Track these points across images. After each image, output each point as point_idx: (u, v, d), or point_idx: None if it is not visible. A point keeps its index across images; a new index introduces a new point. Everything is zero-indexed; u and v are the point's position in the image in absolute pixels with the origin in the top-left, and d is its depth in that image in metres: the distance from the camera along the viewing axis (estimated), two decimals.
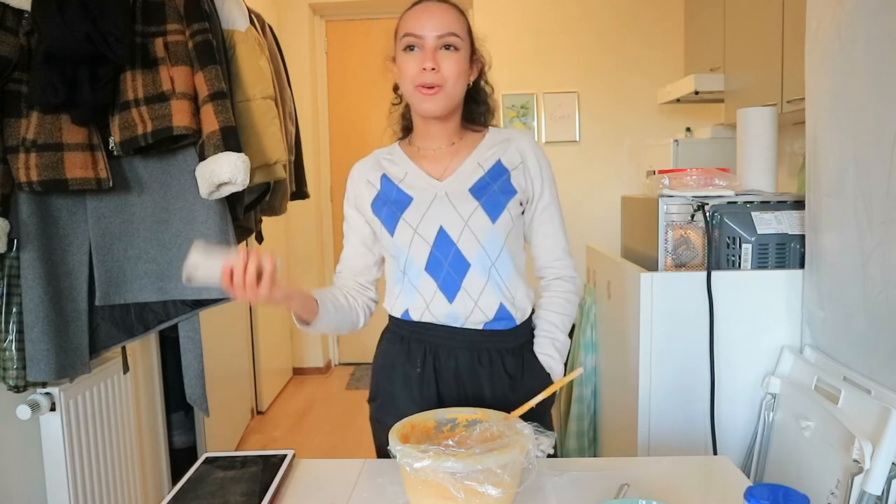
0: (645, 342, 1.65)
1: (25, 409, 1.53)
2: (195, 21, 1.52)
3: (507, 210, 1.15)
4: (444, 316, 1.16)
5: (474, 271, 1.14)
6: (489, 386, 1.17)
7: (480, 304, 1.15)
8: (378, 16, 4.04)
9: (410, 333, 1.20)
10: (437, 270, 1.14)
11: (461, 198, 1.15)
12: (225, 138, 1.47)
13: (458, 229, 1.13)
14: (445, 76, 1.11)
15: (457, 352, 1.17)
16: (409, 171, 1.20)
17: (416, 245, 1.14)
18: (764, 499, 0.71)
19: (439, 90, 1.11)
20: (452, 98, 1.14)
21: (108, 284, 1.56)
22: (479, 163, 1.18)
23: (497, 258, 1.15)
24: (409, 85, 1.12)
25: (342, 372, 4.20)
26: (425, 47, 1.10)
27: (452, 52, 1.12)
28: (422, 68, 1.10)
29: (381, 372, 1.23)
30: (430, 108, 1.13)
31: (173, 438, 2.41)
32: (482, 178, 1.17)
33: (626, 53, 3.65)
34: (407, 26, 1.12)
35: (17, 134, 1.39)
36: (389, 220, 1.17)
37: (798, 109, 2.10)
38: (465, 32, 1.14)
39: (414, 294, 1.17)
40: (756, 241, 1.64)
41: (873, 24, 1.27)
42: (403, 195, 1.17)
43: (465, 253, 1.14)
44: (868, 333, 1.34)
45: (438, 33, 1.10)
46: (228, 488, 0.98)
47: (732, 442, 1.65)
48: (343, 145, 4.18)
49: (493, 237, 1.14)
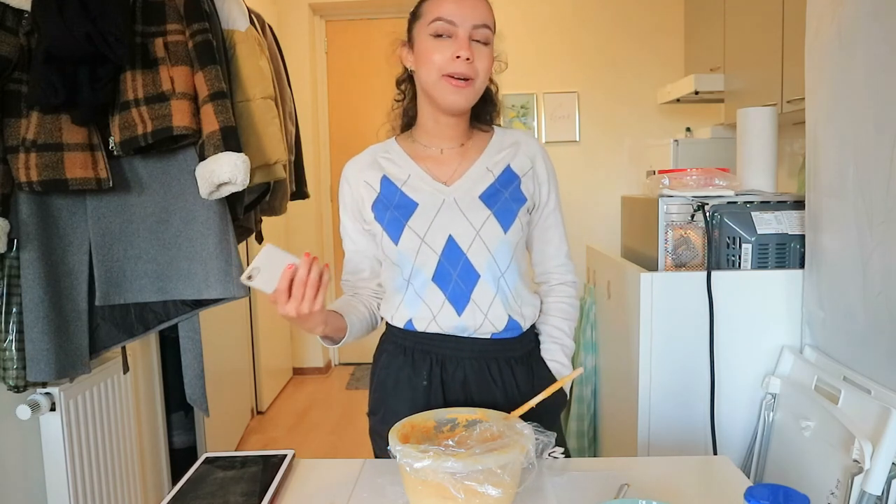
0: (645, 342, 1.65)
1: (25, 409, 1.53)
2: (195, 21, 1.52)
3: (518, 219, 1.11)
4: (452, 328, 1.10)
5: (484, 282, 1.09)
6: (502, 396, 1.12)
7: (490, 316, 1.10)
8: (378, 16, 4.04)
9: (414, 344, 1.14)
10: (446, 281, 1.09)
11: (471, 205, 1.09)
12: (225, 138, 1.47)
13: (469, 239, 1.08)
14: (478, 70, 1.05)
15: (465, 362, 1.12)
16: (412, 172, 1.13)
17: (424, 254, 1.08)
18: (764, 499, 0.70)
19: (471, 83, 1.05)
20: (479, 93, 1.09)
21: (108, 284, 1.56)
22: (489, 167, 1.13)
23: (507, 269, 1.10)
24: (436, 73, 1.05)
25: (342, 372, 4.20)
26: (459, 36, 1.04)
27: (484, 47, 1.06)
28: (455, 56, 1.03)
29: (384, 387, 1.17)
30: (458, 102, 1.06)
31: (173, 438, 2.41)
32: (492, 184, 1.11)
33: (626, 53, 3.65)
34: (439, 10, 1.04)
35: (17, 134, 1.39)
36: (393, 227, 1.10)
37: (798, 109, 2.10)
38: (494, 27, 1.09)
39: (419, 304, 1.11)
40: (756, 241, 1.64)
41: (873, 25, 1.27)
42: (408, 200, 1.10)
43: (474, 263, 1.08)
44: (868, 333, 1.34)
45: (475, 23, 1.04)
46: (228, 488, 0.97)
47: (732, 442, 1.65)
48: (343, 145, 4.18)
49: (504, 247, 1.09)
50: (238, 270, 1.60)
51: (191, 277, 1.58)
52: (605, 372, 2.11)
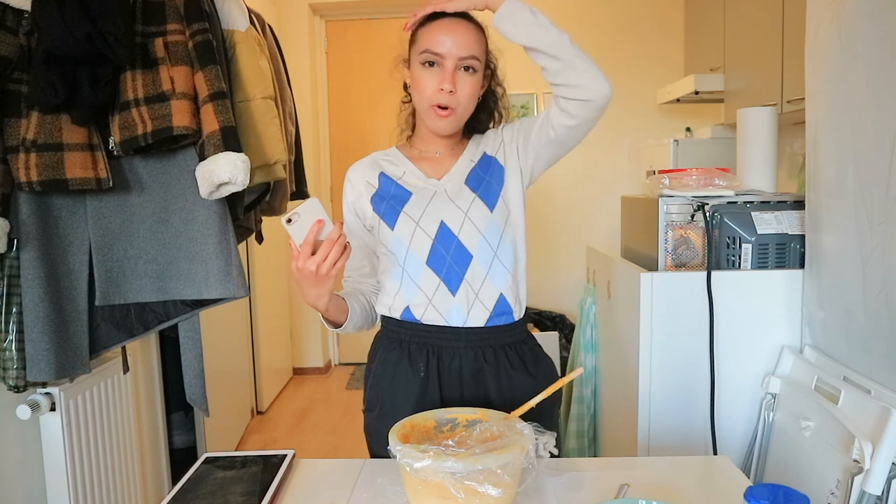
0: (645, 342, 1.65)
1: (25, 409, 1.53)
2: (195, 21, 1.52)
3: (502, 198, 1.18)
4: (447, 311, 1.15)
5: (476, 262, 1.15)
6: (494, 385, 1.16)
7: (481, 295, 1.15)
8: (378, 16, 4.04)
9: (411, 337, 1.18)
10: (440, 264, 1.15)
11: (458, 191, 1.18)
12: (225, 138, 1.47)
13: (459, 222, 1.15)
14: (460, 99, 1.14)
15: (460, 352, 1.16)
16: (407, 169, 1.23)
17: (418, 238, 1.15)
18: (764, 499, 0.71)
19: (452, 112, 1.14)
20: (462, 119, 1.18)
21: (108, 284, 1.56)
22: (471, 158, 1.23)
23: (498, 247, 1.16)
24: (425, 102, 1.15)
25: (342, 372, 4.20)
26: (445, 67, 1.12)
27: (470, 75, 1.14)
28: (440, 88, 1.12)
29: (380, 381, 1.20)
30: (442, 128, 1.17)
31: (173, 438, 2.41)
32: (473, 169, 1.20)
33: (626, 53, 3.65)
34: (428, 42, 1.13)
35: (17, 134, 1.39)
36: (389, 214, 1.18)
37: (798, 109, 2.11)
38: (483, 53, 1.16)
39: (414, 290, 1.16)
40: (756, 241, 1.64)
41: (873, 25, 1.27)
42: (402, 190, 1.19)
43: (466, 245, 1.15)
44: (868, 333, 1.34)
45: (461, 55, 1.12)
46: (228, 488, 0.97)
47: (732, 442, 1.66)
48: (343, 145, 4.18)
49: (492, 226, 1.16)
50: (238, 270, 1.60)
51: (191, 277, 1.58)
52: (605, 372, 2.11)
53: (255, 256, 3.31)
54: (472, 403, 1.14)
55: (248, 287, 2.59)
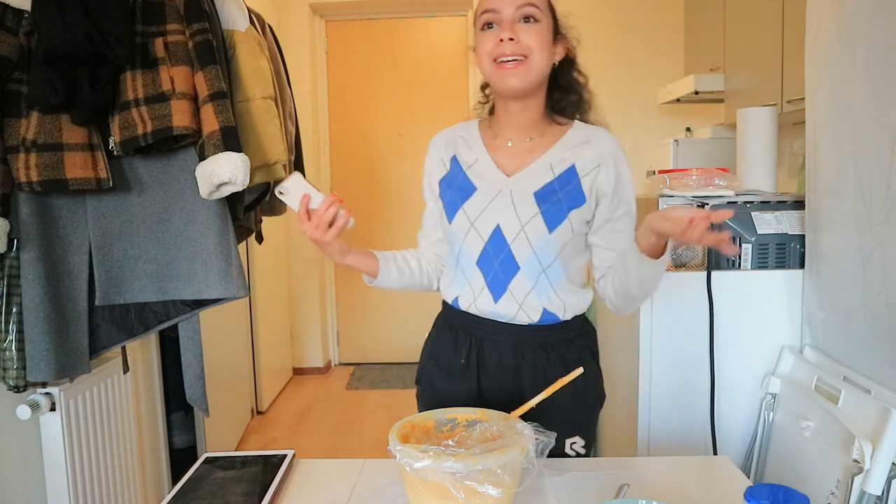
0: (645, 342, 1.65)
1: (25, 409, 1.53)
2: (195, 21, 1.52)
3: (569, 220, 1.10)
4: (489, 313, 1.15)
5: (522, 275, 1.11)
6: (530, 382, 1.14)
7: (525, 306, 1.13)
8: (378, 16, 4.03)
9: (460, 323, 1.19)
10: (488, 267, 1.13)
11: (524, 200, 1.10)
12: (225, 138, 1.47)
13: (514, 232, 1.10)
14: (526, 46, 1.05)
15: (501, 346, 1.16)
16: (479, 157, 1.16)
17: (471, 238, 1.14)
18: (764, 499, 0.71)
19: (521, 62, 1.05)
20: (537, 71, 1.07)
21: (108, 284, 1.56)
22: (552, 164, 1.12)
23: (549, 266, 1.11)
24: (487, 61, 1.07)
25: (342, 372, 4.20)
26: (503, 21, 1.06)
27: (532, 24, 1.06)
28: (499, 39, 1.05)
29: (429, 357, 1.25)
30: (513, 84, 1.06)
31: (173, 438, 2.41)
32: (550, 182, 1.11)
33: (626, 53, 3.65)
34: (484, 3, 1.08)
35: (17, 134, 1.39)
36: (451, 206, 1.16)
37: (798, 109, 2.10)
38: (545, 5, 1.09)
39: (464, 284, 1.17)
40: (756, 241, 1.64)
41: (873, 25, 1.27)
42: (468, 183, 1.15)
43: (516, 255, 1.11)
44: (868, 333, 1.34)
45: (517, 4, 1.05)
46: (228, 488, 0.97)
47: (732, 442, 1.66)
48: (343, 145, 4.18)
49: (549, 246, 1.10)
50: (238, 270, 1.60)
51: (191, 277, 1.58)
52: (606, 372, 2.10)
53: (255, 256, 3.31)
54: (508, 397, 1.13)
55: (248, 287, 2.59)
